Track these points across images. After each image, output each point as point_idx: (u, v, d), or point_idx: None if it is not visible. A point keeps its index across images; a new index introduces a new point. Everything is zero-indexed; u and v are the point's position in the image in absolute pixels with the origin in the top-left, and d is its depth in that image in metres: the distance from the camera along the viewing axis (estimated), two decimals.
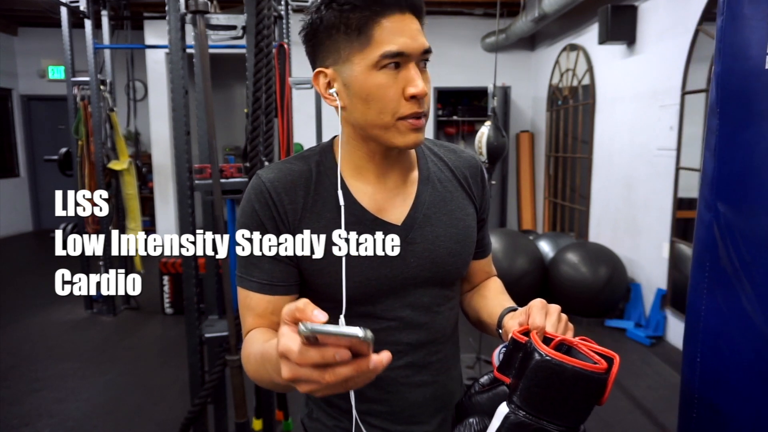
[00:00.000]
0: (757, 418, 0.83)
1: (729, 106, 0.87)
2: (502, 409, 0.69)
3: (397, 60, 0.76)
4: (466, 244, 0.91)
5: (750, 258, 0.83)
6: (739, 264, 0.84)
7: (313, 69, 0.83)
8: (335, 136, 0.90)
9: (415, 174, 0.90)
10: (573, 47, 5.33)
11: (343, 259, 0.81)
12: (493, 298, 0.96)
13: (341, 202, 0.82)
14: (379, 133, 0.80)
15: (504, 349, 0.76)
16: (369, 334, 0.51)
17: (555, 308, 0.78)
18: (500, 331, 0.87)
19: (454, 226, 0.89)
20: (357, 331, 0.51)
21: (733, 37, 0.86)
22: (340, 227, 0.82)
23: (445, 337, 0.92)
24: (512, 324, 0.80)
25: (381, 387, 0.87)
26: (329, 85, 0.81)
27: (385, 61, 0.76)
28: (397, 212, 0.86)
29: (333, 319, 0.85)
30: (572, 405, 0.66)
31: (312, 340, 0.53)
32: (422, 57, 0.78)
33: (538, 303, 0.78)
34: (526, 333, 0.72)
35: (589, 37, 4.94)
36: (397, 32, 0.75)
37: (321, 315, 0.54)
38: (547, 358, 0.66)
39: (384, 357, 0.55)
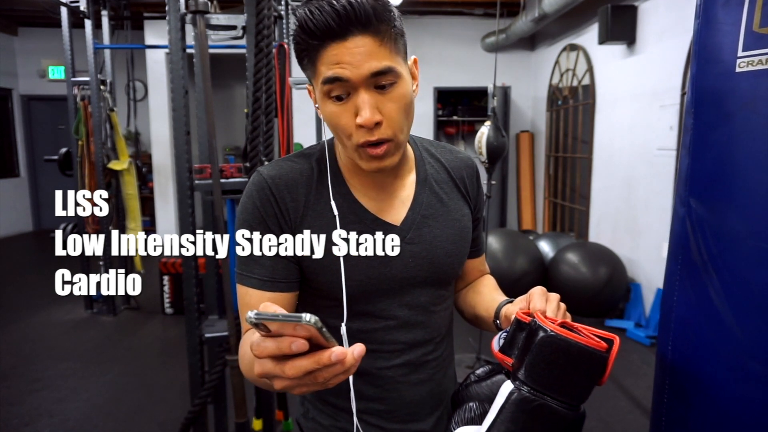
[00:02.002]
0: (722, 403, 0.87)
1: (702, 107, 0.91)
2: (506, 387, 0.71)
3: (340, 88, 0.74)
4: (462, 245, 0.92)
5: (717, 251, 0.87)
6: (708, 257, 0.88)
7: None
8: None
9: (413, 176, 0.91)
10: (573, 47, 5.33)
11: (341, 259, 0.82)
12: (488, 293, 0.98)
13: (333, 204, 0.83)
14: (352, 155, 0.80)
15: (504, 334, 0.77)
16: (313, 318, 0.50)
17: (554, 296, 0.79)
18: (497, 322, 0.88)
19: (451, 227, 0.90)
20: (301, 315, 0.50)
21: (707, 40, 0.89)
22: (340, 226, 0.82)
23: (441, 336, 0.93)
24: (513, 309, 0.81)
25: (378, 385, 0.88)
26: (315, 101, 0.82)
27: (328, 89, 0.75)
28: (396, 213, 0.87)
29: (331, 317, 0.85)
30: (575, 381, 0.68)
31: (263, 329, 0.53)
32: (375, 80, 0.74)
33: (538, 290, 0.80)
34: (529, 316, 0.74)
35: (589, 37, 4.94)
36: (336, 60, 0.73)
37: (273, 306, 0.53)
38: (553, 333, 0.68)
39: (356, 350, 0.53)
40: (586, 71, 5.02)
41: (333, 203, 0.83)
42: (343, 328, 0.84)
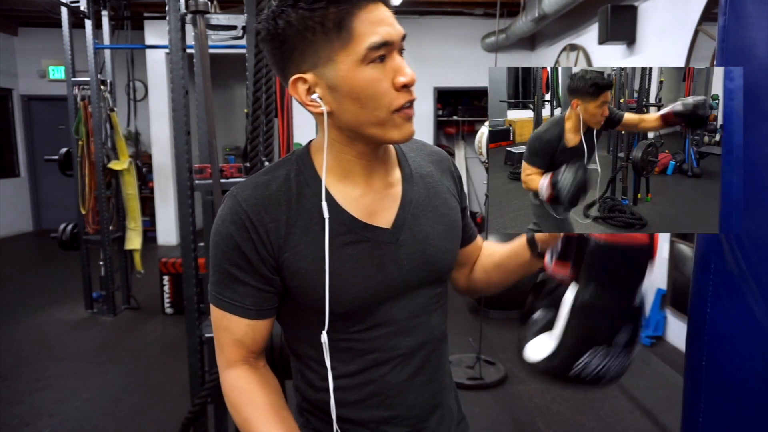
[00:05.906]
0: (765, 421, 0.82)
1: None
2: (569, 296, 0.80)
3: (383, 51, 0.72)
4: (453, 239, 0.91)
5: (757, 259, 0.82)
6: (746, 265, 0.83)
7: (284, 76, 0.78)
8: (310, 142, 0.86)
9: (398, 173, 0.87)
10: (573, 47, 5.33)
11: (327, 274, 0.78)
12: (499, 246, 1.01)
13: (326, 214, 0.77)
14: (375, 132, 0.76)
15: (551, 254, 0.87)
16: None
17: None
18: (534, 244, 0.91)
19: (441, 222, 0.88)
20: None
21: (737, 36, 0.85)
22: (328, 240, 0.78)
23: (441, 333, 0.91)
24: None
25: (383, 392, 0.86)
26: (309, 91, 0.76)
27: (372, 54, 0.71)
28: (386, 215, 0.83)
29: (330, 330, 0.81)
30: (628, 274, 0.79)
31: None
32: (401, 45, 0.76)
33: None
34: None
35: (589, 37, 4.94)
36: (377, 22, 0.72)
37: None
38: (601, 241, 0.78)
39: None
40: None
41: (326, 213, 0.78)
42: (324, 337, 0.80)
